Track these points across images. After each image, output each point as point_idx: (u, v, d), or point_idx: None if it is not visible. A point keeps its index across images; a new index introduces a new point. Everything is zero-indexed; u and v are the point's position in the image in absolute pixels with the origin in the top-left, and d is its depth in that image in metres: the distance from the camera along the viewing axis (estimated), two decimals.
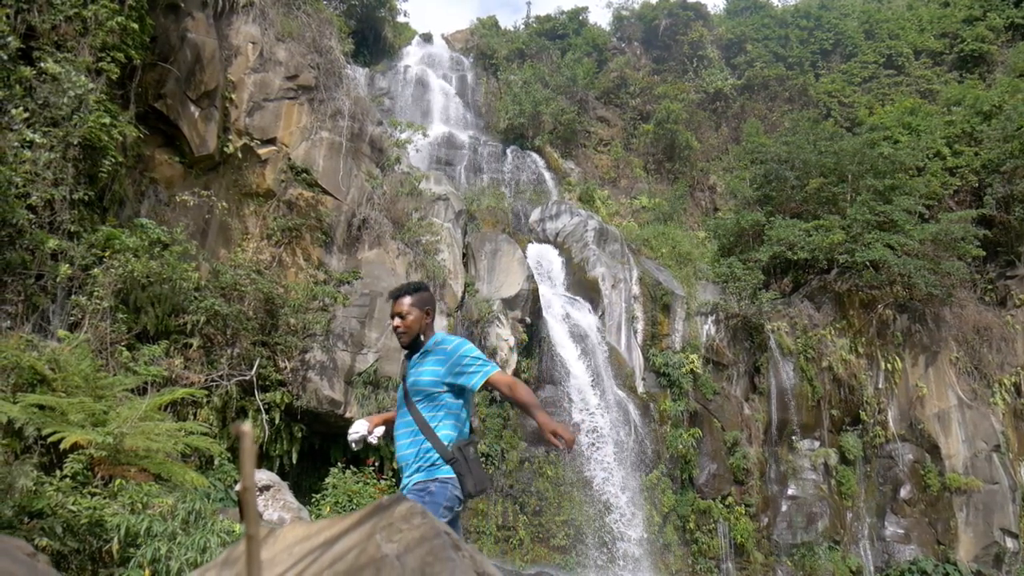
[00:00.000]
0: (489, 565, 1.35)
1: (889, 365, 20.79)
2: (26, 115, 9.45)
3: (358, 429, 4.58)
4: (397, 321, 4.41)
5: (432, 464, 4.16)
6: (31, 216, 9.56)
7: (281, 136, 14.89)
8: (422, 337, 4.43)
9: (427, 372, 4.26)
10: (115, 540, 6.95)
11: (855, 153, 21.87)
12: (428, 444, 4.17)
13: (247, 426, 0.99)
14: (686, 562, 16.51)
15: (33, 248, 9.67)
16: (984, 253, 21.64)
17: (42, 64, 9.86)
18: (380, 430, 4.65)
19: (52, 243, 9.83)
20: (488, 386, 4.25)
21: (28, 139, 9.37)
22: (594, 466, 15.83)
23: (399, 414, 4.41)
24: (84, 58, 10.49)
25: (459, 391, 4.27)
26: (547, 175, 25.36)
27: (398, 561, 1.17)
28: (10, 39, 9.37)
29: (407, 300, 4.41)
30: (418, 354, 4.38)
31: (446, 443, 4.16)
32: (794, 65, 30.37)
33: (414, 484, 4.18)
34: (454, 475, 4.13)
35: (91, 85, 10.24)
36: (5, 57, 9.30)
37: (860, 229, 20.44)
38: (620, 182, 27.49)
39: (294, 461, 13.28)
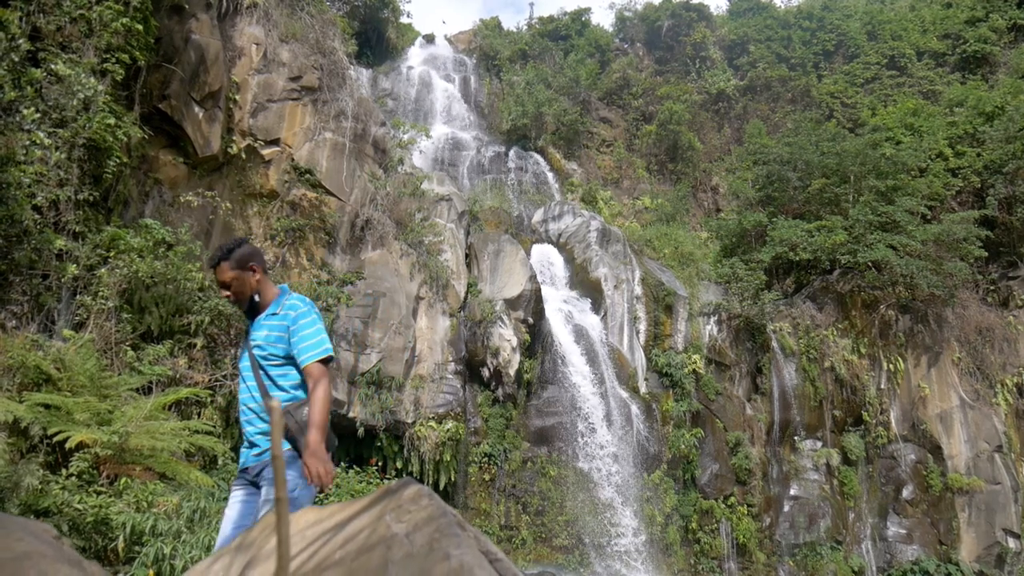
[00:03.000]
0: (491, 544, 1.40)
1: (891, 365, 20.81)
2: (37, 116, 9.51)
3: None
4: (225, 292, 4.12)
5: (263, 441, 3.97)
6: (36, 216, 9.63)
7: (285, 137, 14.96)
8: (257, 297, 4.12)
9: (271, 339, 4.02)
10: (120, 538, 7.01)
11: (857, 154, 21.89)
12: (262, 414, 3.98)
13: (276, 401, 1.04)
14: (688, 562, 16.53)
15: (40, 248, 9.73)
16: (986, 254, 21.63)
17: (52, 66, 9.92)
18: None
19: (60, 243, 9.89)
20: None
21: (37, 140, 9.44)
22: (597, 466, 15.87)
23: (241, 379, 4.17)
24: (89, 59, 10.55)
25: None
26: (550, 176, 25.41)
27: (407, 539, 1.22)
28: (21, 41, 9.43)
29: (225, 266, 4.07)
30: (263, 315, 4.09)
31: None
32: (797, 66, 30.39)
33: (249, 467, 3.98)
34: (289, 447, 3.87)
35: (100, 87, 10.30)
36: (16, 59, 9.36)
37: (862, 230, 20.46)
38: (623, 183, 27.53)
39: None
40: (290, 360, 4.01)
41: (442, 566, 1.12)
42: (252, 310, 4.15)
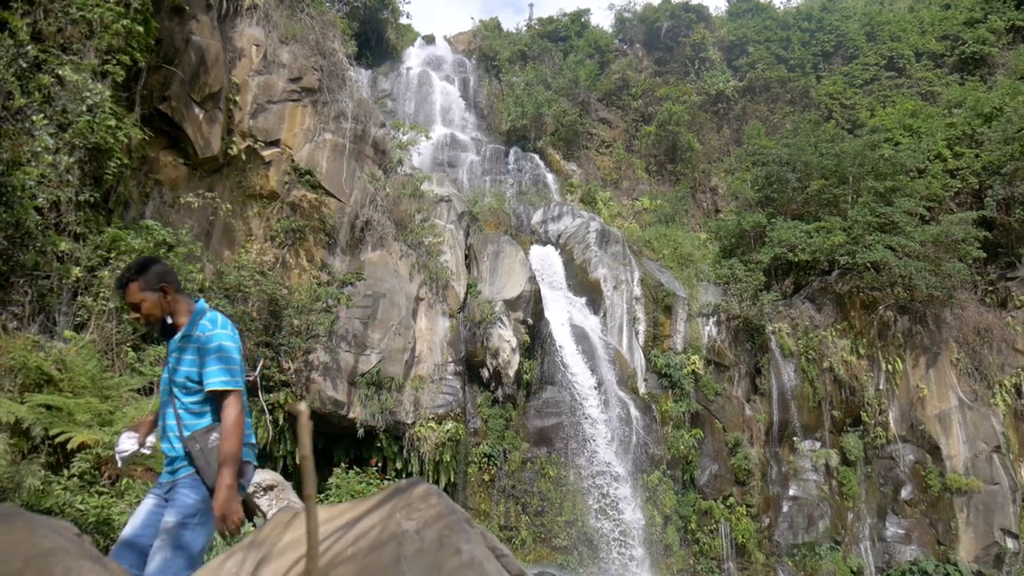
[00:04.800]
0: (497, 541, 1.44)
1: (890, 366, 20.85)
2: (45, 122, 9.53)
3: (125, 447, 4.11)
4: (134, 314, 3.92)
5: (177, 461, 3.82)
6: (37, 218, 9.64)
7: (285, 138, 14.99)
8: (169, 320, 3.93)
9: (185, 362, 3.84)
10: None
11: (856, 155, 21.93)
12: (176, 436, 3.82)
13: (303, 405, 1.08)
14: (688, 562, 16.56)
15: (43, 250, 9.74)
16: (985, 255, 21.67)
17: (59, 72, 9.94)
18: (151, 438, 4.20)
19: (64, 245, 9.90)
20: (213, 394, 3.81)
21: (44, 145, 9.45)
22: (596, 467, 15.89)
23: (161, 401, 4.00)
24: (89, 61, 10.57)
25: None
26: (549, 177, 25.43)
27: (418, 535, 1.25)
28: (29, 48, 9.45)
29: (134, 287, 3.87)
30: (179, 337, 3.90)
31: (187, 434, 3.77)
32: (796, 67, 30.42)
33: (164, 481, 3.86)
34: (192, 470, 3.73)
35: (107, 93, 10.32)
36: (25, 65, 9.39)
37: (861, 231, 20.50)
38: (622, 184, 27.56)
39: (298, 462, 13.34)
40: (201, 389, 3.86)
41: (453, 560, 1.16)
42: (168, 331, 3.97)
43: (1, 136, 9.06)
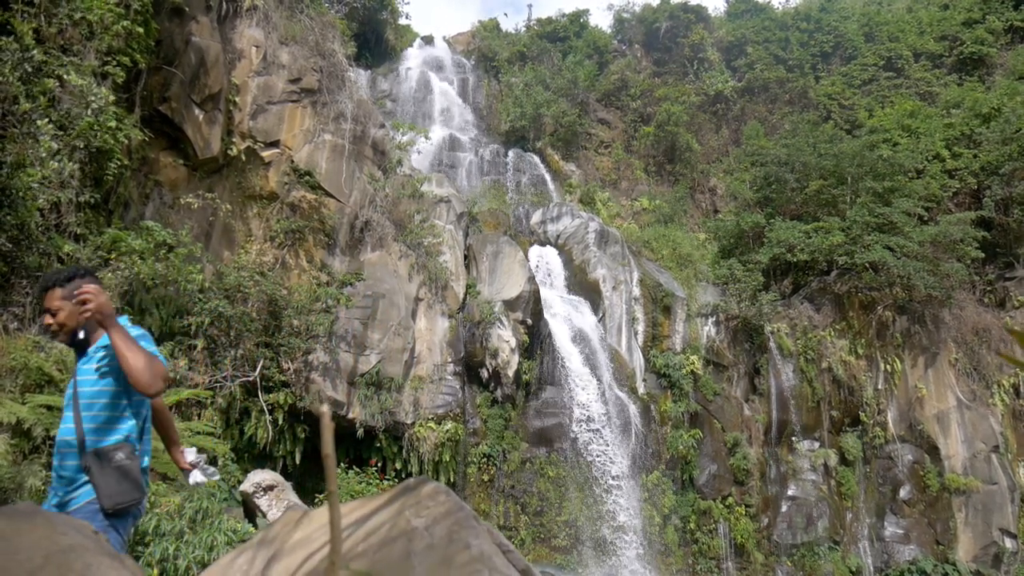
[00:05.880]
0: (503, 537, 1.47)
1: (889, 366, 20.88)
2: (49, 125, 9.55)
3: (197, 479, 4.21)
4: (48, 319, 3.73)
5: (73, 480, 3.62)
6: (39, 220, 9.66)
7: (284, 139, 15.02)
8: (81, 335, 3.77)
9: (98, 371, 3.69)
10: None
11: (855, 155, 21.98)
12: (75, 452, 3.62)
13: (325, 406, 1.11)
14: (687, 562, 16.59)
15: (46, 251, 9.76)
16: (983, 255, 21.72)
17: (65, 76, 9.96)
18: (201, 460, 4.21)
19: (67, 248, 9.92)
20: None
21: (48, 149, 9.47)
22: (595, 466, 15.92)
23: (64, 416, 3.77)
24: (90, 62, 10.58)
25: (127, 393, 3.70)
26: (548, 177, 25.47)
27: (427, 532, 1.29)
28: (35, 52, 9.46)
29: (57, 293, 3.71)
30: (93, 347, 3.76)
31: (87, 450, 3.58)
32: (794, 67, 30.45)
33: (56, 504, 3.63)
34: (94, 494, 3.55)
35: (111, 97, 10.34)
36: (30, 69, 9.40)
37: (860, 231, 20.54)
38: (621, 184, 27.60)
39: (297, 462, 13.40)
40: (120, 395, 3.71)
41: (463, 554, 1.19)
42: (79, 346, 3.82)
43: (6, 140, 9.08)
